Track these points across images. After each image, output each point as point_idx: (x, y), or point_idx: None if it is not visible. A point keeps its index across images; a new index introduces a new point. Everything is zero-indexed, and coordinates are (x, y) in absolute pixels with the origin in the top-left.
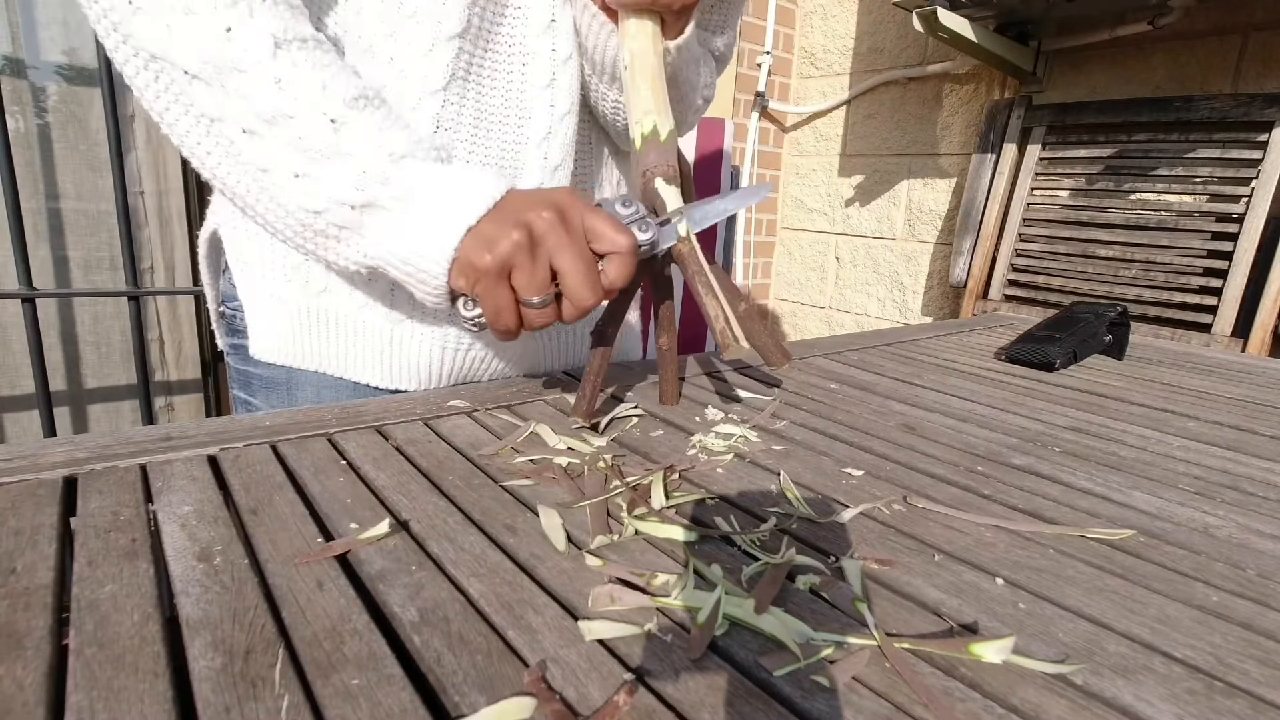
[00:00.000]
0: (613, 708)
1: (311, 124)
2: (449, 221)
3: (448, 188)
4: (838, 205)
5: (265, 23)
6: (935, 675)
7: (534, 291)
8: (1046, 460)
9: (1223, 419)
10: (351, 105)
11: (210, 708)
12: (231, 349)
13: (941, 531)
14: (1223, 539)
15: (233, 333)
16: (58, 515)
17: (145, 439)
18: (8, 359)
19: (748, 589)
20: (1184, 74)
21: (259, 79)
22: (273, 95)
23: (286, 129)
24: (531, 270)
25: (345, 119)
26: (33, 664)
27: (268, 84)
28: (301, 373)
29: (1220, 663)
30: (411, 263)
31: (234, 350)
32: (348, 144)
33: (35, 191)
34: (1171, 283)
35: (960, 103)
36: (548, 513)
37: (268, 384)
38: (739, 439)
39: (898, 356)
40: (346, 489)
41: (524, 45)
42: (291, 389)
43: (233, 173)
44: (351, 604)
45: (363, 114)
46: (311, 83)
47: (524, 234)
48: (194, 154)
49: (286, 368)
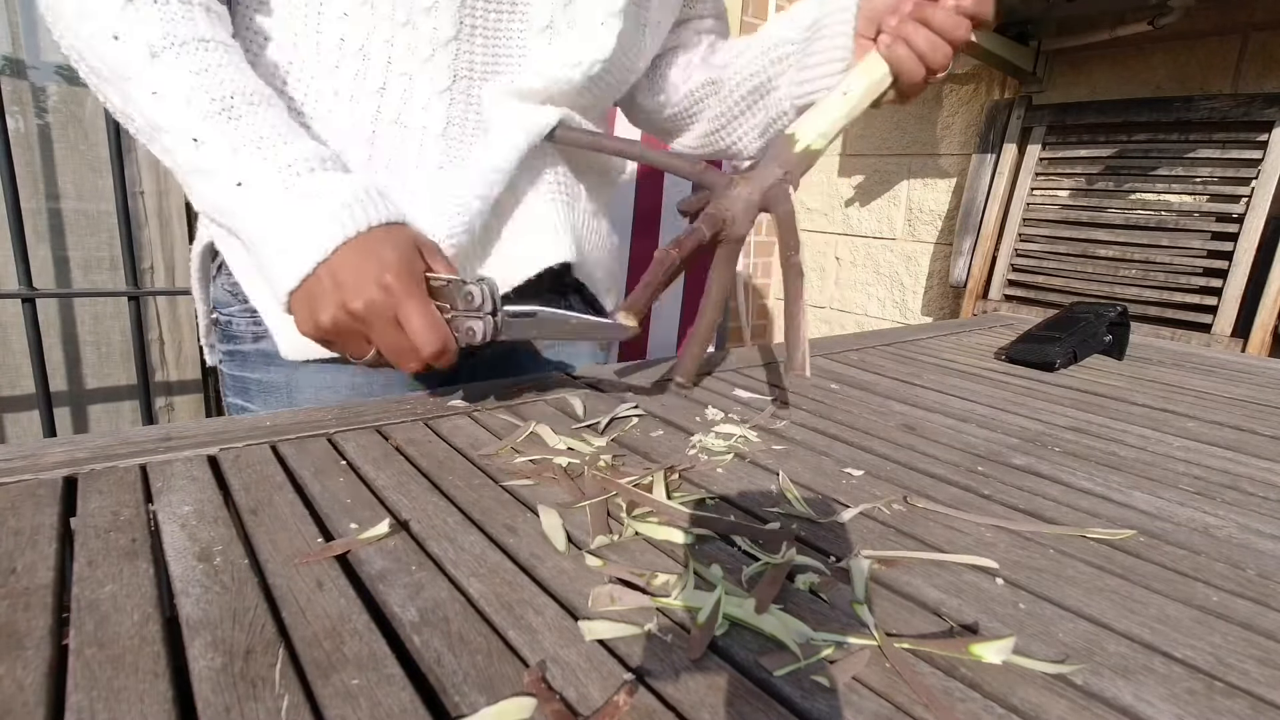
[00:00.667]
0: (613, 708)
1: (177, 139)
2: (284, 275)
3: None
4: (838, 205)
5: (146, 30)
6: (935, 675)
7: (354, 357)
8: (1046, 460)
9: (1223, 419)
10: (211, 118)
11: (210, 708)
12: (227, 356)
13: (941, 531)
14: (1223, 539)
15: (228, 339)
16: (58, 515)
17: (145, 439)
18: (8, 359)
19: (748, 589)
20: (1184, 74)
21: (140, 88)
22: (150, 105)
23: (163, 140)
24: (347, 345)
25: (204, 136)
26: (33, 664)
27: (146, 94)
28: (301, 376)
29: (1220, 663)
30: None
31: (230, 357)
32: (207, 162)
33: (35, 191)
34: (1171, 283)
35: (960, 103)
36: (548, 513)
37: (267, 389)
38: (739, 439)
39: (898, 356)
40: (346, 489)
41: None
42: (291, 392)
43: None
44: (351, 604)
45: (222, 128)
46: (178, 94)
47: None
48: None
49: (287, 372)
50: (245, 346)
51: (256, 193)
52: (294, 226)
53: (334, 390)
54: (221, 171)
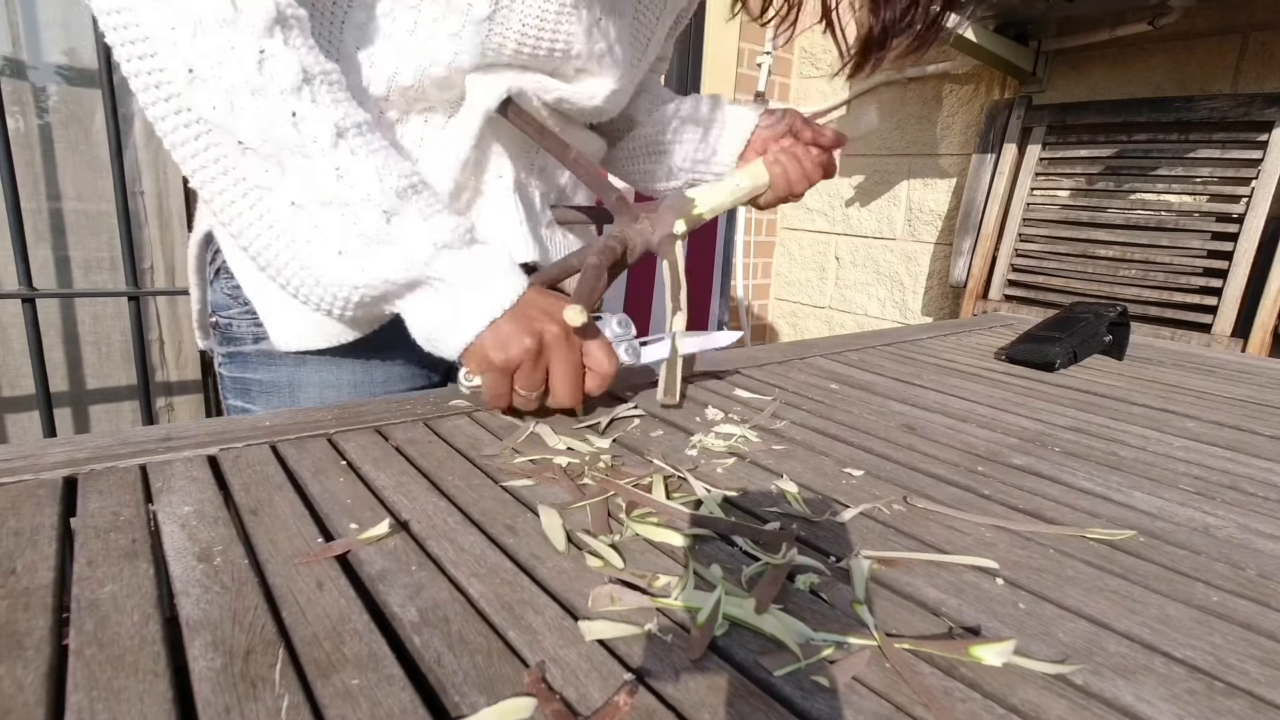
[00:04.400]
0: (613, 708)
1: (366, 213)
2: (475, 313)
3: (480, 278)
4: (838, 205)
5: (328, 112)
6: (935, 675)
7: (529, 389)
8: (1046, 460)
9: (1223, 419)
10: (402, 195)
11: (210, 708)
12: (227, 358)
13: (941, 531)
14: (1223, 539)
15: (228, 341)
16: (58, 515)
17: (145, 439)
18: (8, 359)
19: (748, 589)
20: (1184, 74)
21: (320, 166)
22: (331, 183)
23: (340, 213)
24: (531, 374)
25: (397, 210)
26: (33, 664)
27: (327, 171)
28: (304, 374)
29: (1220, 663)
30: (433, 337)
31: (230, 359)
32: (397, 233)
33: (35, 192)
34: (1171, 283)
35: (960, 103)
36: (548, 513)
37: (269, 389)
38: (739, 439)
39: (898, 356)
40: (346, 489)
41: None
42: (294, 392)
43: (261, 234)
44: (351, 604)
45: (411, 203)
46: (368, 173)
47: (535, 342)
48: (223, 209)
49: (290, 370)
50: (246, 348)
51: (453, 250)
52: (495, 270)
53: (336, 389)
54: (414, 239)
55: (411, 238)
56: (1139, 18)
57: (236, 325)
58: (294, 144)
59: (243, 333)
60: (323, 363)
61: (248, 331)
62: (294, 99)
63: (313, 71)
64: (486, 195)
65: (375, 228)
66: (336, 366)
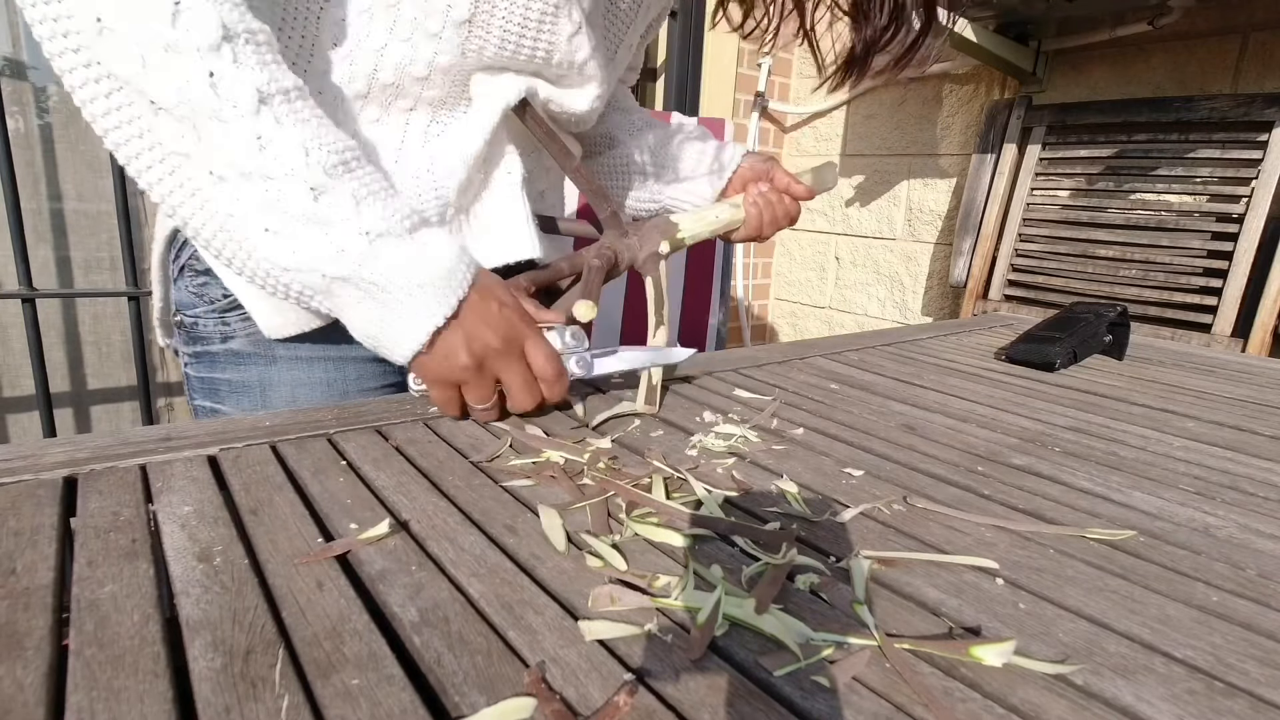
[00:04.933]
0: (613, 708)
1: (290, 189)
2: (414, 324)
3: (418, 280)
4: (838, 205)
5: (251, 75)
6: (935, 675)
7: (478, 401)
8: (1046, 460)
9: (1223, 419)
10: (332, 172)
11: (210, 708)
12: (193, 358)
13: (941, 531)
14: (1223, 539)
15: (194, 340)
16: (58, 515)
17: (145, 439)
18: (8, 359)
19: (748, 589)
20: (1184, 74)
21: (239, 133)
22: (252, 152)
23: (262, 186)
24: (478, 387)
25: (325, 187)
26: (33, 664)
27: (248, 139)
28: (275, 373)
29: (1220, 663)
30: (375, 345)
31: (196, 359)
32: (325, 212)
33: (35, 192)
34: (1171, 283)
35: (960, 103)
36: (548, 513)
37: (239, 389)
38: (739, 439)
39: (898, 356)
40: (346, 489)
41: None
42: (265, 391)
43: (184, 203)
44: (351, 604)
45: (342, 181)
46: (293, 144)
47: (475, 360)
48: (140, 174)
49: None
50: (214, 347)
51: (393, 240)
52: (430, 270)
53: (309, 387)
54: (345, 225)
55: (342, 222)
56: (1139, 18)
57: (202, 324)
58: (210, 107)
59: (209, 332)
60: (294, 362)
61: (214, 331)
62: (212, 57)
63: (235, 29)
64: (494, 190)
65: (301, 205)
66: (308, 366)
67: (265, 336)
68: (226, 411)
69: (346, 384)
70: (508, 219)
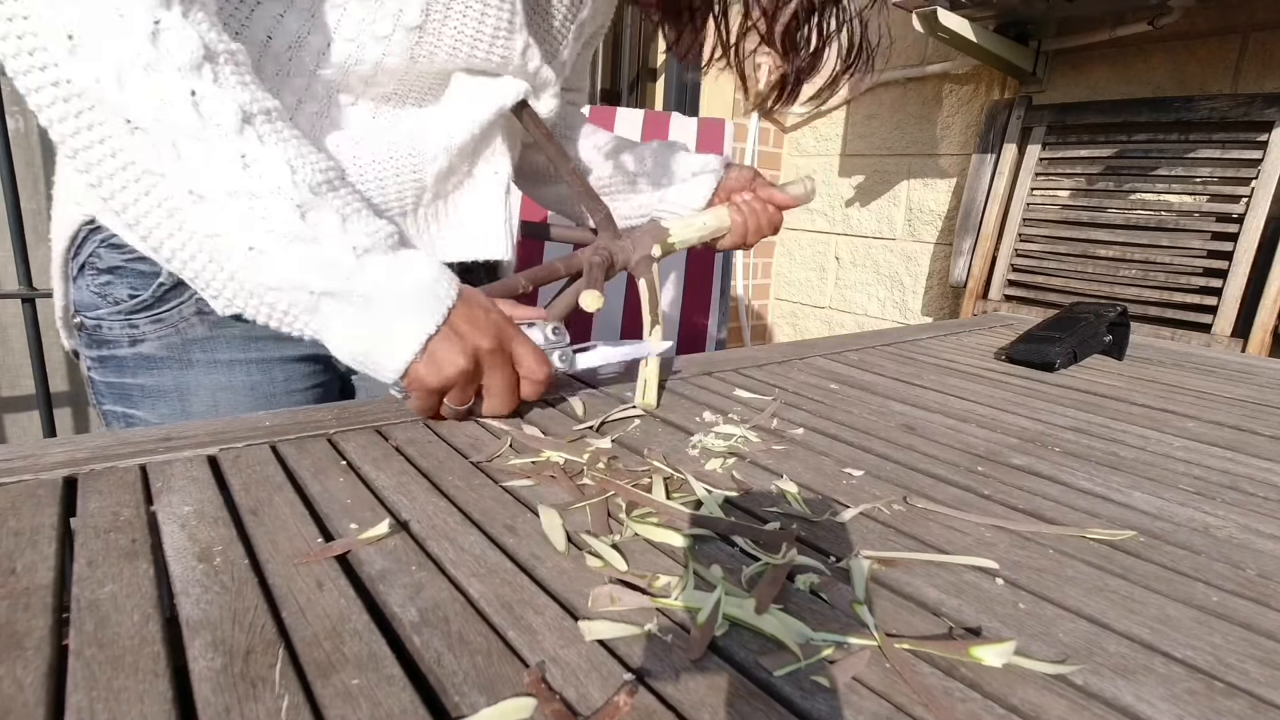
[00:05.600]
0: (613, 708)
1: (276, 206)
2: (406, 336)
3: (408, 292)
4: (838, 205)
5: (233, 94)
6: (935, 675)
7: (460, 403)
8: (1046, 460)
9: (1223, 419)
10: (317, 190)
11: (210, 708)
12: (98, 362)
13: (941, 531)
14: (1223, 539)
15: (98, 344)
16: (58, 515)
17: (145, 439)
18: (8, 359)
19: (748, 589)
20: (1184, 74)
21: (223, 152)
22: (235, 172)
23: (246, 205)
24: (464, 391)
25: (312, 205)
26: (33, 664)
27: (232, 159)
28: (193, 377)
29: (1220, 663)
30: (363, 359)
31: (101, 363)
32: (312, 230)
33: (35, 192)
34: (1171, 283)
35: (960, 103)
36: (548, 513)
37: (153, 394)
38: (739, 439)
39: (898, 356)
40: (346, 489)
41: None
42: (184, 395)
43: (163, 225)
44: (351, 604)
45: (327, 199)
46: (278, 162)
47: (470, 362)
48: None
49: (175, 375)
50: (121, 351)
51: (379, 255)
52: (415, 282)
53: (231, 391)
54: (332, 241)
55: (330, 237)
56: (1139, 18)
57: (107, 327)
58: (192, 127)
59: (115, 335)
60: (212, 366)
61: (121, 334)
62: (193, 77)
63: (215, 48)
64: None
65: (289, 224)
66: (228, 370)
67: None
68: (141, 417)
69: (274, 387)
70: (485, 216)
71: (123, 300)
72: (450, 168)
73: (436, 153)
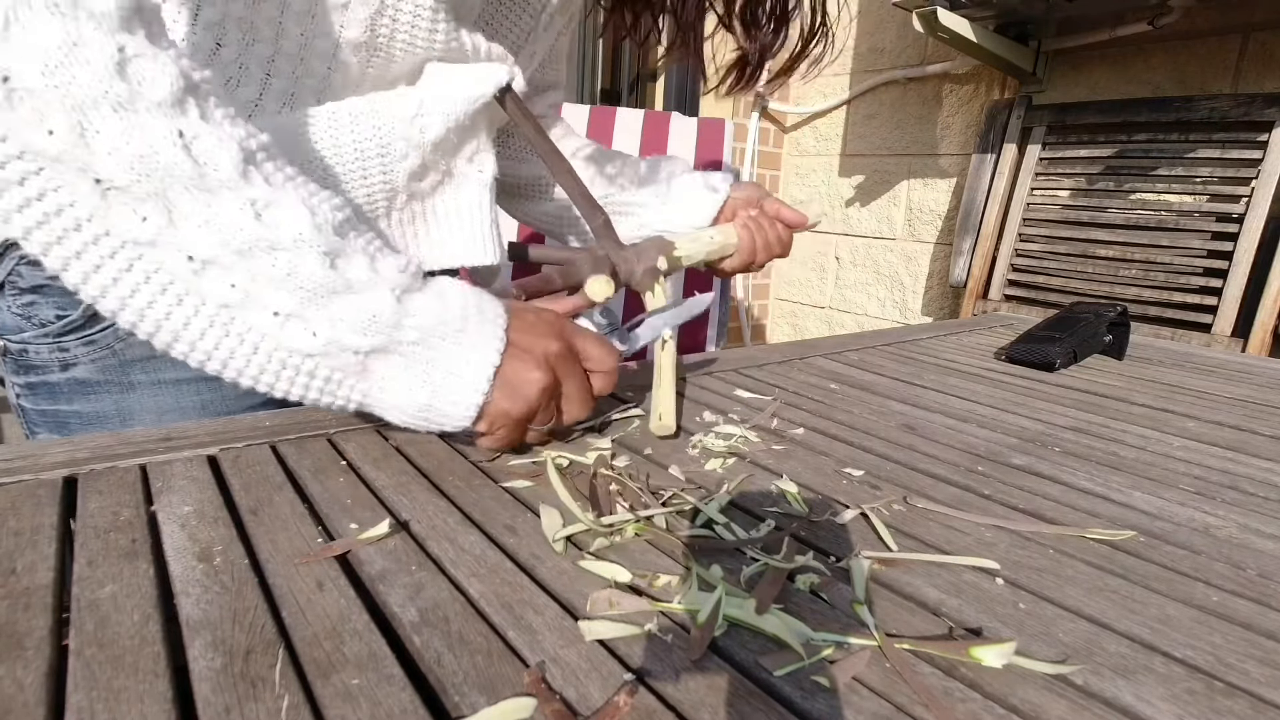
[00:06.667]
0: (613, 708)
1: (302, 258)
2: (474, 371)
3: (457, 323)
4: (838, 205)
5: (228, 130)
6: (935, 675)
7: (545, 422)
8: (1046, 460)
9: (1223, 419)
10: (340, 231)
11: (210, 708)
12: (27, 389)
13: (941, 531)
14: (1223, 539)
15: (25, 370)
16: (58, 515)
17: (145, 439)
18: None
19: (748, 589)
20: (1184, 74)
21: (228, 201)
22: (247, 224)
23: (267, 261)
24: (550, 409)
25: (339, 250)
26: (33, 664)
27: (240, 208)
28: (135, 400)
29: (1220, 663)
30: (426, 415)
31: (31, 390)
32: (344, 279)
33: None
34: (1171, 283)
35: (960, 103)
36: (548, 513)
37: (92, 421)
38: (739, 439)
39: (898, 356)
40: (346, 489)
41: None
42: (125, 420)
43: (156, 304)
44: (351, 604)
45: (351, 240)
46: (295, 206)
47: (548, 375)
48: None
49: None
50: (53, 377)
51: (413, 297)
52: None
53: (179, 413)
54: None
55: (365, 285)
56: (1139, 18)
57: (34, 351)
58: (185, 176)
59: (44, 360)
60: (156, 388)
61: (51, 359)
62: (176, 114)
63: (193, 77)
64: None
65: (319, 276)
66: (175, 390)
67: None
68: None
69: (226, 404)
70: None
71: (50, 322)
72: (424, 166)
73: (406, 150)
